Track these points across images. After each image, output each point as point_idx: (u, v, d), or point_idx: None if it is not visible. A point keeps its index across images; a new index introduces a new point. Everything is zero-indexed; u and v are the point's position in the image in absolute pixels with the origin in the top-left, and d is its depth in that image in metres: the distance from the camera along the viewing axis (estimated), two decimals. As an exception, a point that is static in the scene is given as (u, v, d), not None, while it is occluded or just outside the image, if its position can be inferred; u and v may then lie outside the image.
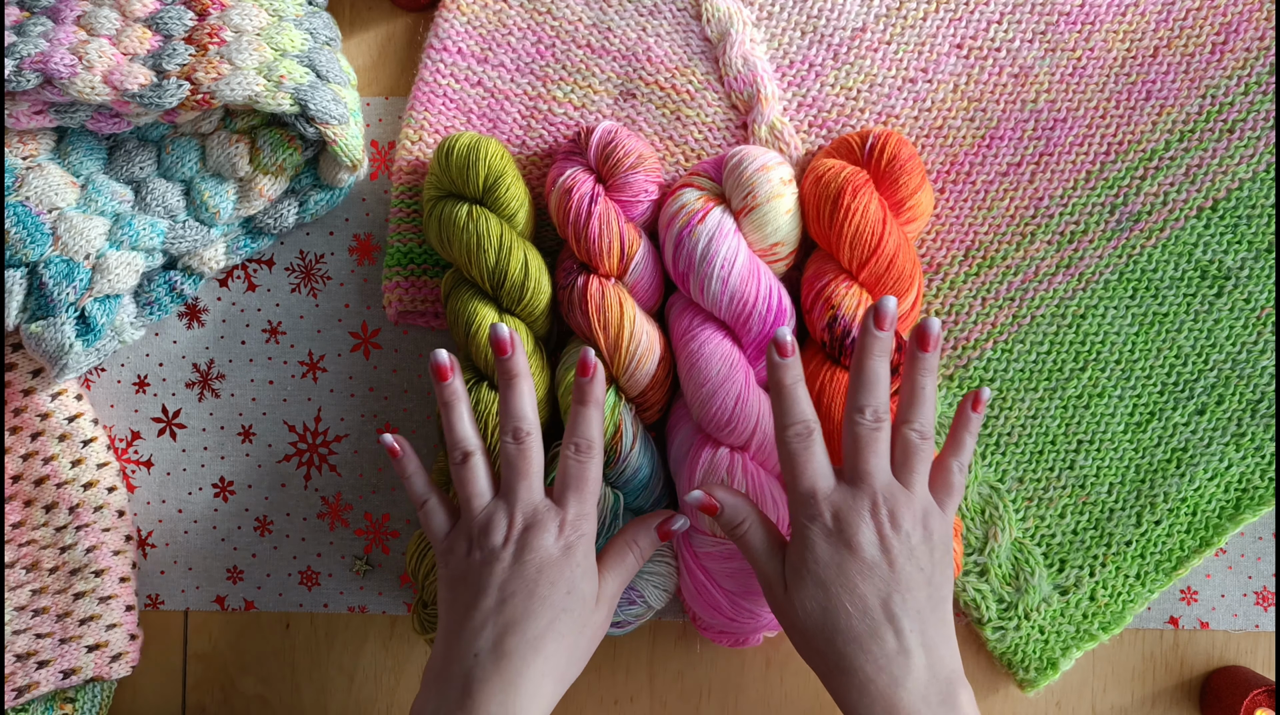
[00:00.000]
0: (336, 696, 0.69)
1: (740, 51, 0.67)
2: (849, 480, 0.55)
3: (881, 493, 0.54)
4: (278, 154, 0.63)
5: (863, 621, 0.52)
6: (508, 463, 0.58)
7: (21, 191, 0.61)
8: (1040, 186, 0.67)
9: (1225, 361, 0.66)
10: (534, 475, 0.58)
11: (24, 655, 0.63)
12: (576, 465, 0.58)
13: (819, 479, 0.55)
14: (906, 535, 0.53)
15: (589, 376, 0.58)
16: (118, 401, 0.69)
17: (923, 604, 0.53)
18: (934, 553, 0.54)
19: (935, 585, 0.54)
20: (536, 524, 0.56)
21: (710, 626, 0.64)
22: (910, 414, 0.56)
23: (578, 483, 0.57)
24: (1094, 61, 0.67)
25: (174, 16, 0.61)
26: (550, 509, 0.57)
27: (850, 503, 0.54)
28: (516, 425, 0.58)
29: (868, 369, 0.55)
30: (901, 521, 0.54)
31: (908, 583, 0.53)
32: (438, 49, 0.68)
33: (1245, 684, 0.64)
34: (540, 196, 0.67)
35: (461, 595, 0.56)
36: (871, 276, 0.61)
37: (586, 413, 0.58)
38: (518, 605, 0.54)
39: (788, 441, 0.55)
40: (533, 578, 0.55)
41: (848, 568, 0.53)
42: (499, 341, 0.58)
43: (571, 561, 0.56)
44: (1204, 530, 0.65)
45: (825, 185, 0.61)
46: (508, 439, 0.58)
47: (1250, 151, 0.66)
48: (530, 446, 0.58)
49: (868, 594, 0.52)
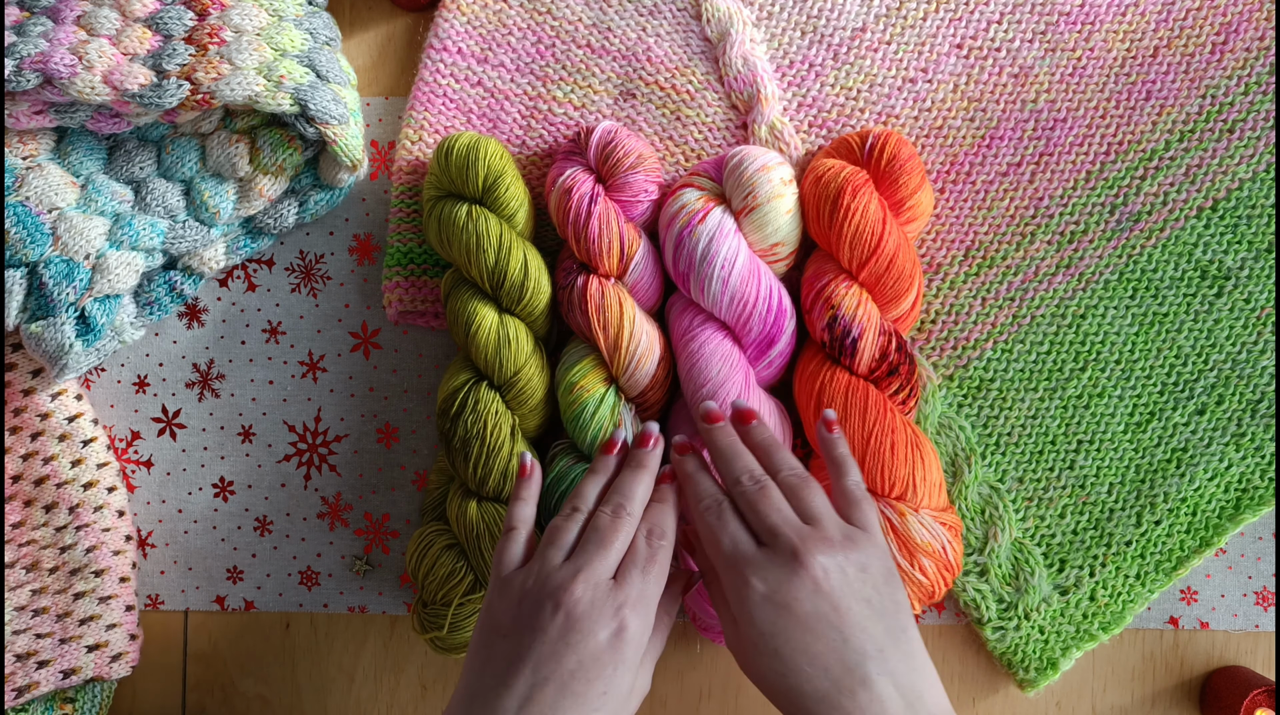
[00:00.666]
0: (336, 696, 0.69)
1: (740, 51, 0.67)
2: (765, 542, 0.53)
3: (797, 541, 0.51)
4: (278, 154, 0.63)
5: (825, 679, 0.49)
6: (597, 530, 0.54)
7: (21, 191, 0.61)
8: (1040, 186, 0.67)
9: (1225, 361, 0.66)
10: (614, 551, 0.54)
11: (24, 655, 0.63)
12: (646, 548, 0.54)
13: (739, 546, 0.53)
14: (840, 573, 0.51)
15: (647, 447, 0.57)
16: (118, 401, 0.69)
17: (882, 642, 0.50)
18: (873, 579, 0.52)
19: (889, 615, 0.51)
20: (595, 601, 0.52)
21: (710, 626, 0.64)
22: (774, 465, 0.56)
23: (646, 565, 0.53)
24: (1094, 61, 0.67)
25: (174, 16, 0.61)
26: (609, 591, 0.52)
27: (774, 562, 0.51)
28: (621, 502, 0.55)
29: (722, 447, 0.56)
30: (828, 564, 0.51)
31: (859, 625, 0.50)
32: (438, 49, 0.68)
33: (1245, 684, 0.64)
34: (540, 196, 0.67)
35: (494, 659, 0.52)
36: (871, 276, 0.61)
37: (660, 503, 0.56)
38: (548, 696, 0.50)
39: (700, 518, 0.55)
40: (571, 669, 0.50)
41: (792, 630, 0.50)
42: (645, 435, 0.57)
43: (617, 656, 0.51)
44: (1204, 530, 0.65)
45: (825, 185, 0.61)
46: (606, 510, 0.55)
47: (1250, 151, 0.66)
48: (624, 526, 0.54)
49: (823, 650, 0.50)
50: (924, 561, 0.59)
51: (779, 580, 0.51)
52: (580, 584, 0.52)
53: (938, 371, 0.66)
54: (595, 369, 0.62)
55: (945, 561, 0.60)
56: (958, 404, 0.66)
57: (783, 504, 0.54)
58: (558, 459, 0.63)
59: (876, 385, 0.61)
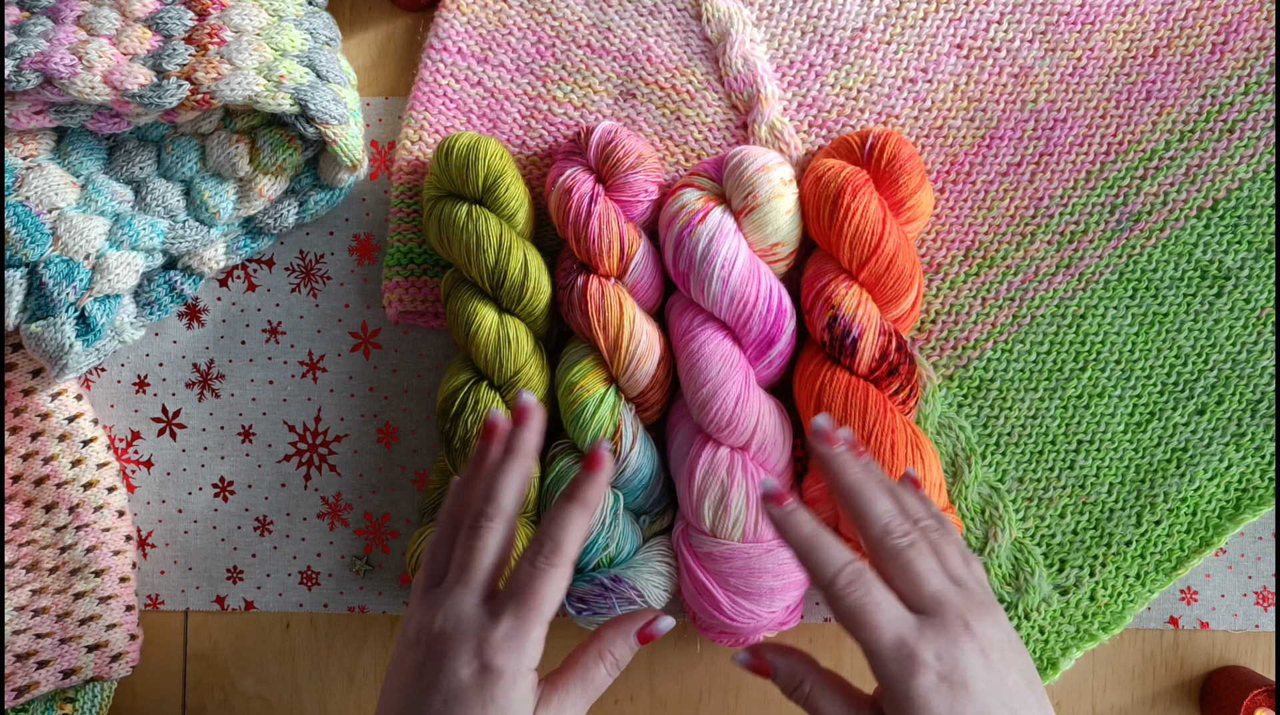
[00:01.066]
0: (336, 696, 0.69)
1: (740, 51, 0.67)
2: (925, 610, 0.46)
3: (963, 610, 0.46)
4: (278, 154, 0.63)
5: None
6: (458, 547, 0.48)
7: (21, 191, 0.61)
8: (1040, 186, 0.67)
9: (1225, 361, 0.66)
10: (477, 572, 0.47)
11: (24, 655, 0.63)
12: (529, 572, 0.47)
13: (900, 624, 0.45)
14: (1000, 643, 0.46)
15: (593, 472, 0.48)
16: (118, 401, 0.69)
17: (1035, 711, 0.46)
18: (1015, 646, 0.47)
19: (1034, 680, 0.47)
20: (453, 635, 0.46)
21: (710, 626, 0.64)
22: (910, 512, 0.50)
23: (523, 594, 0.46)
24: (1094, 61, 0.67)
25: (174, 16, 0.61)
26: (476, 621, 0.46)
27: (946, 638, 0.45)
28: (482, 506, 0.48)
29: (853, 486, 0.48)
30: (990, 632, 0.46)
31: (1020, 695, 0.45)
32: (438, 49, 0.68)
33: (1245, 684, 0.64)
34: (540, 196, 0.67)
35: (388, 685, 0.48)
36: (871, 276, 0.61)
37: (569, 512, 0.48)
38: None
39: (841, 596, 0.46)
40: (436, 710, 0.45)
41: (970, 712, 0.44)
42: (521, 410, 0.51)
43: (485, 694, 0.45)
44: (1204, 530, 0.65)
45: (825, 185, 0.61)
46: (468, 519, 0.48)
47: (1250, 151, 0.66)
48: (484, 537, 0.48)
49: None
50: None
51: (953, 658, 0.45)
52: (439, 616, 0.47)
53: (938, 371, 0.66)
54: (595, 369, 0.62)
55: (945, 561, 0.60)
56: (958, 404, 0.66)
57: (935, 562, 0.48)
58: (558, 459, 0.63)
59: (876, 385, 0.61)
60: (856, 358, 0.61)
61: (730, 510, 0.60)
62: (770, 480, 0.48)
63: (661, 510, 0.65)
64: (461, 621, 0.46)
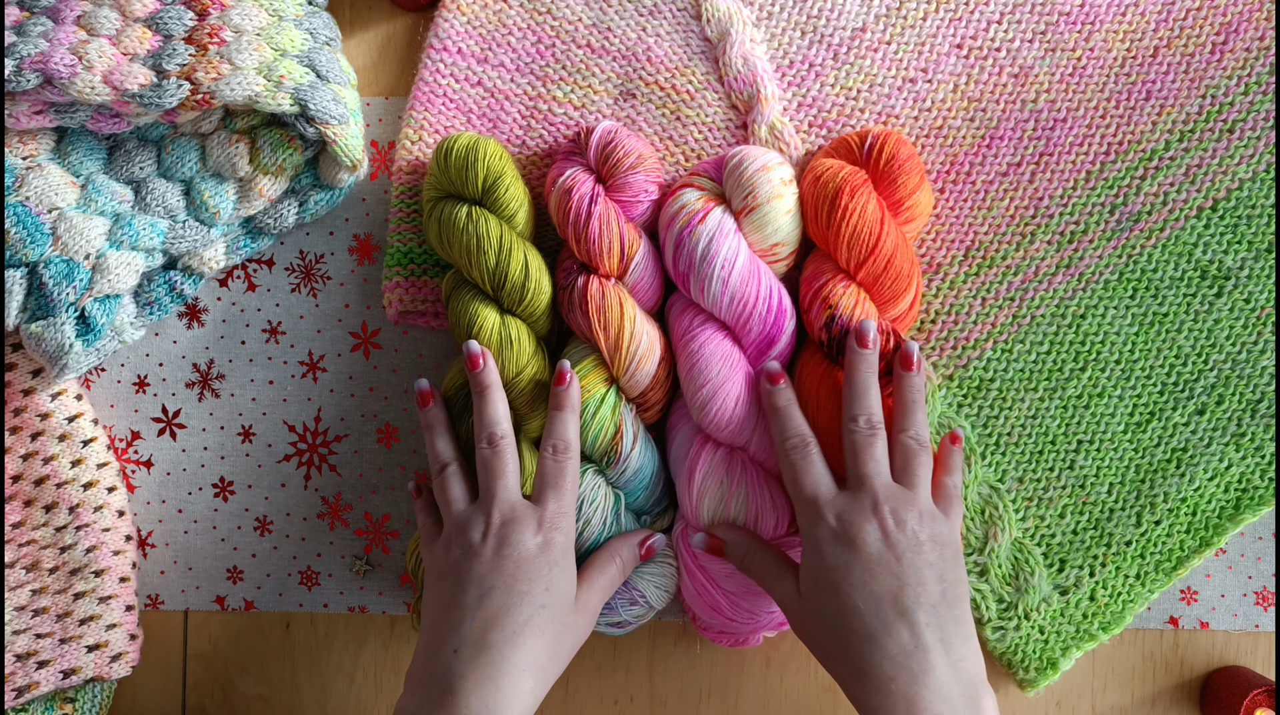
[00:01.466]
0: (336, 696, 0.69)
1: (740, 51, 0.67)
2: (850, 485, 0.56)
3: (882, 492, 0.55)
4: (278, 154, 0.63)
5: (875, 618, 0.52)
6: (484, 466, 0.59)
7: (21, 191, 0.61)
8: (1040, 186, 0.67)
9: (1225, 361, 0.66)
10: (509, 475, 0.59)
11: (24, 655, 0.63)
12: (554, 465, 0.59)
13: (820, 486, 0.56)
14: (913, 531, 0.54)
15: (564, 384, 0.60)
16: (118, 401, 0.69)
17: (936, 599, 0.53)
18: (944, 552, 0.54)
19: (949, 583, 0.54)
20: (515, 520, 0.57)
21: (710, 626, 0.64)
22: (905, 423, 0.58)
23: (555, 481, 0.59)
24: (1094, 61, 0.67)
25: (174, 16, 0.61)
26: (528, 507, 0.58)
27: (852, 504, 0.55)
28: (490, 431, 0.59)
29: (857, 381, 0.58)
30: (906, 519, 0.54)
31: (918, 576, 0.53)
32: (438, 49, 0.68)
33: (1245, 684, 0.64)
34: (540, 196, 0.67)
35: (442, 591, 0.57)
36: (869, 276, 0.61)
37: (563, 416, 0.60)
38: (496, 600, 0.55)
39: (787, 453, 0.58)
40: (511, 572, 0.55)
41: (855, 567, 0.53)
42: (471, 356, 0.60)
43: (549, 558, 0.56)
44: (1204, 530, 0.65)
45: (823, 185, 0.61)
46: (483, 445, 0.59)
47: (1250, 151, 0.66)
48: (504, 449, 0.59)
49: (877, 590, 0.52)
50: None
51: (851, 520, 0.54)
52: (495, 511, 0.57)
53: (938, 371, 0.66)
54: (596, 369, 0.62)
55: (945, 561, 0.60)
56: (958, 404, 0.66)
57: (883, 458, 0.57)
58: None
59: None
60: (856, 358, 0.61)
61: (730, 510, 0.60)
62: (774, 363, 0.60)
63: (661, 510, 0.65)
64: (516, 509, 0.58)
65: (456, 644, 0.54)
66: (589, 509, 0.61)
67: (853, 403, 0.58)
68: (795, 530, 0.62)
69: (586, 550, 0.62)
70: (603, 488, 0.62)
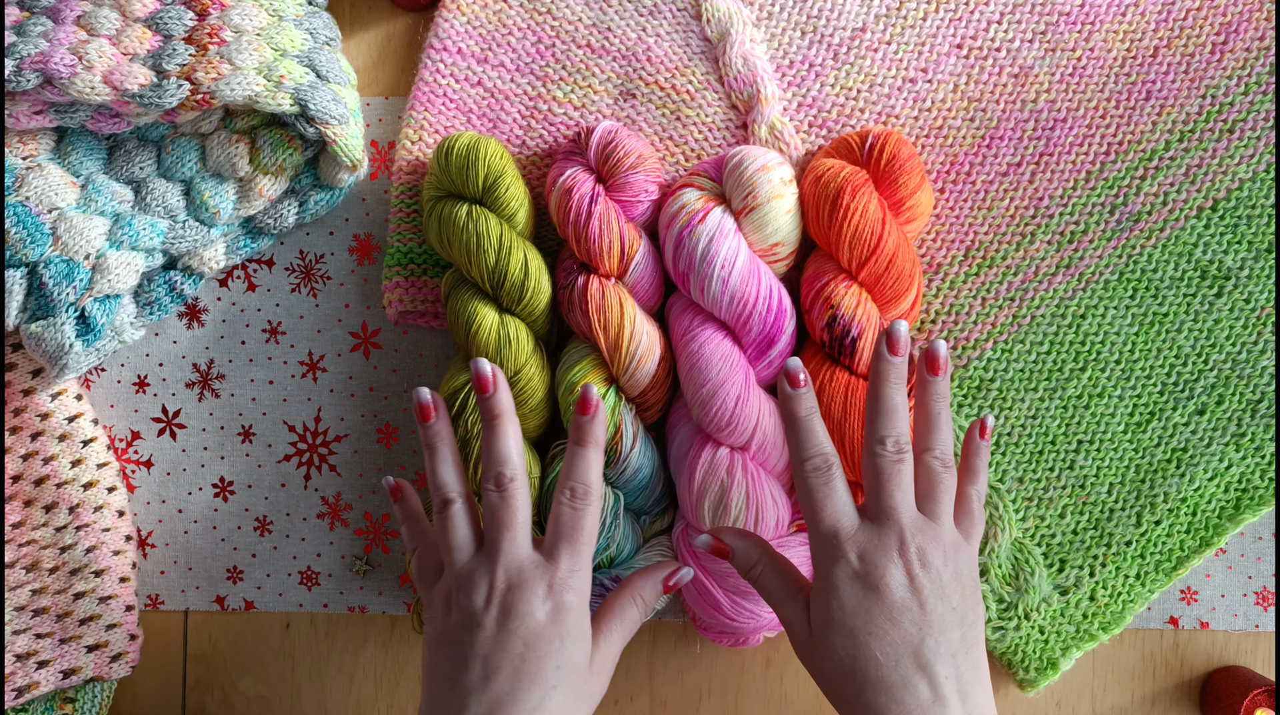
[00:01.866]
0: (336, 696, 0.69)
1: (740, 51, 0.67)
2: (873, 517, 0.52)
3: (909, 529, 0.51)
4: (278, 154, 0.63)
5: (894, 671, 0.48)
6: (490, 513, 0.53)
7: (21, 191, 0.61)
8: (1040, 186, 0.67)
9: (1225, 361, 0.66)
10: (519, 526, 0.53)
11: (24, 655, 0.63)
12: (571, 512, 0.53)
13: (841, 517, 0.51)
14: (937, 573, 0.50)
15: (589, 415, 0.54)
16: (118, 401, 0.69)
17: (956, 647, 0.50)
18: (964, 589, 0.51)
19: (968, 625, 0.51)
20: (522, 584, 0.51)
21: (710, 626, 0.64)
22: (930, 441, 0.54)
23: (571, 532, 0.52)
24: (1094, 61, 0.67)
25: (174, 16, 0.61)
26: (538, 565, 0.52)
27: (876, 542, 0.50)
28: (499, 470, 0.53)
29: (885, 397, 0.53)
30: (931, 559, 0.50)
31: (940, 625, 0.49)
32: (438, 49, 0.68)
33: (1245, 684, 0.64)
34: (540, 196, 0.67)
35: (442, 664, 0.52)
36: (871, 276, 0.61)
37: (585, 455, 0.54)
38: (503, 683, 0.50)
39: (805, 477, 0.52)
40: (519, 652, 0.50)
41: (876, 614, 0.49)
42: (480, 378, 0.54)
43: (561, 630, 0.51)
44: (1204, 530, 0.65)
45: (825, 185, 0.61)
46: (490, 486, 0.53)
47: (1250, 151, 0.66)
48: (514, 494, 0.53)
49: (898, 641, 0.49)
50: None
51: (875, 561, 0.50)
52: (500, 571, 0.51)
53: (938, 371, 0.66)
54: (596, 369, 0.62)
55: (945, 561, 0.60)
56: (958, 404, 0.66)
57: (910, 486, 0.52)
58: (558, 460, 0.63)
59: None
60: (856, 357, 0.61)
61: (730, 510, 0.60)
62: (795, 360, 0.54)
63: (661, 510, 0.65)
64: (524, 570, 0.51)
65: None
66: (589, 509, 0.61)
67: (879, 422, 0.52)
68: (796, 529, 0.62)
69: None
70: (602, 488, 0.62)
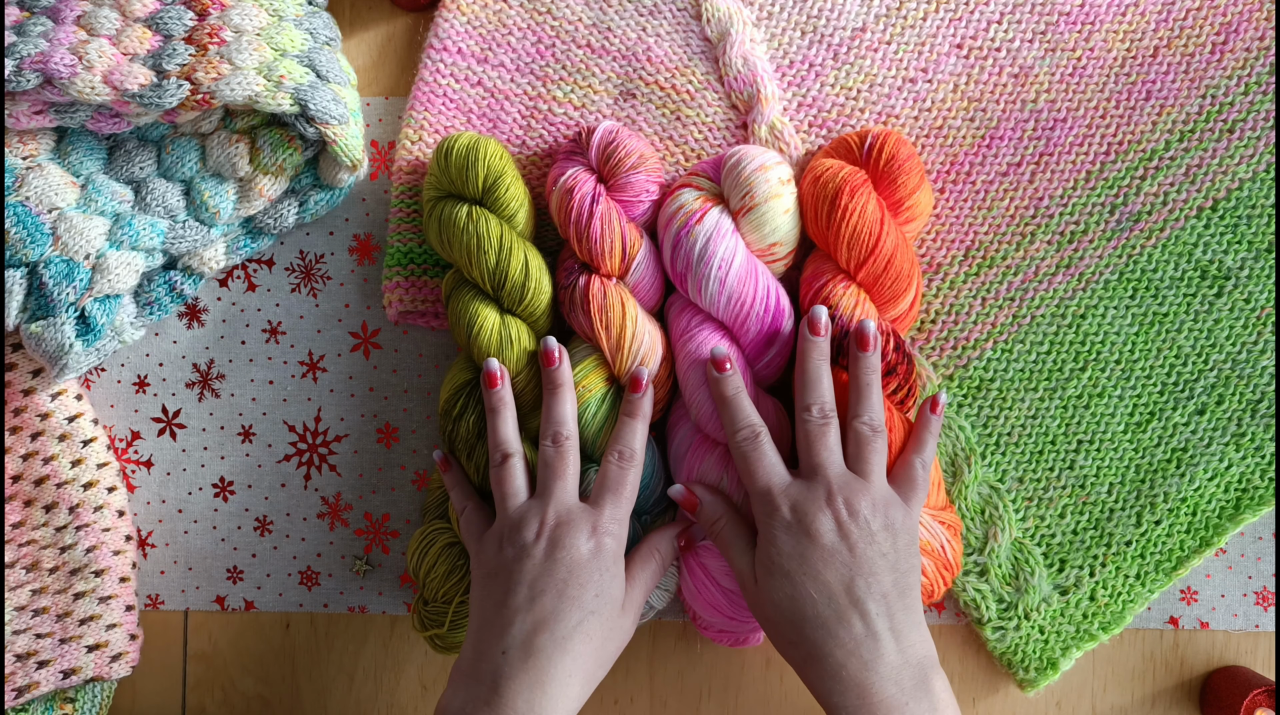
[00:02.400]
0: (336, 696, 0.69)
1: (740, 51, 0.67)
2: (804, 475, 0.57)
3: (835, 482, 0.56)
4: (278, 154, 0.63)
5: (828, 607, 0.53)
6: (545, 464, 0.59)
7: (21, 191, 0.61)
8: (1040, 186, 0.67)
9: (1225, 361, 0.66)
10: (569, 477, 0.59)
11: (24, 655, 0.63)
12: (618, 471, 0.59)
13: (772, 476, 0.57)
14: (866, 521, 0.55)
15: (640, 392, 0.60)
16: (118, 401, 0.69)
17: (888, 589, 0.54)
18: (897, 540, 0.55)
19: (901, 572, 0.55)
20: (570, 522, 0.57)
21: (710, 626, 0.64)
22: (859, 409, 0.58)
23: (616, 487, 0.59)
24: (1094, 61, 0.67)
25: (174, 16, 0.61)
26: (584, 510, 0.58)
27: (806, 494, 0.56)
28: (557, 430, 0.59)
29: (809, 370, 0.58)
30: (859, 508, 0.55)
31: (870, 567, 0.54)
32: (438, 49, 0.68)
33: (1245, 684, 0.64)
34: (540, 196, 0.67)
35: (493, 591, 0.57)
36: (869, 276, 0.61)
37: (633, 425, 0.60)
38: (547, 603, 0.55)
39: (739, 446, 0.58)
40: (563, 577, 0.55)
41: (809, 556, 0.54)
42: (548, 352, 0.60)
43: (601, 564, 0.56)
44: (1204, 530, 0.65)
45: (823, 185, 0.61)
46: (547, 442, 0.59)
47: (1250, 151, 0.66)
48: (568, 450, 0.59)
49: (831, 580, 0.53)
50: (923, 561, 0.59)
51: (806, 510, 0.55)
52: (551, 511, 0.57)
53: (938, 371, 0.66)
54: (597, 369, 0.62)
55: (944, 561, 0.60)
56: (958, 404, 0.66)
57: (837, 446, 0.57)
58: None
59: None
60: (856, 358, 0.61)
61: (730, 510, 0.60)
62: (720, 347, 0.59)
63: (661, 510, 0.65)
64: (573, 511, 0.58)
65: (506, 645, 0.54)
66: (589, 509, 0.61)
67: (805, 391, 0.58)
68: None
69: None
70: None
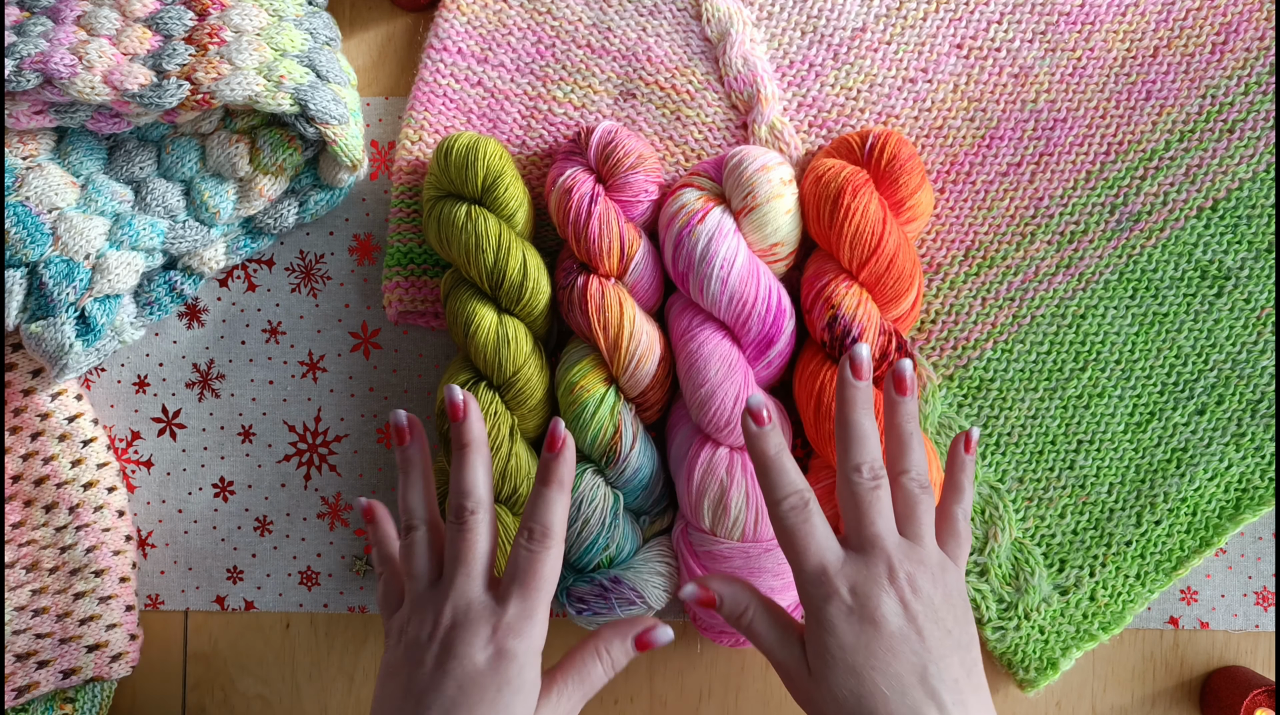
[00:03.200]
0: (336, 696, 0.69)
1: (740, 51, 0.67)
2: (857, 547, 0.50)
3: (895, 556, 0.50)
4: (278, 154, 0.63)
5: (902, 703, 0.47)
6: (449, 546, 0.52)
7: (21, 191, 0.61)
8: (1040, 186, 0.67)
9: (1225, 361, 0.66)
10: (475, 562, 0.51)
11: (24, 655, 0.63)
12: (527, 555, 0.50)
13: (825, 553, 0.50)
14: (929, 597, 0.49)
15: (555, 452, 0.52)
16: (118, 401, 0.69)
17: (958, 671, 0.49)
18: (956, 611, 0.50)
19: (964, 647, 0.50)
20: (465, 624, 0.49)
21: (710, 626, 0.64)
22: (905, 462, 0.53)
23: (525, 576, 0.50)
24: (1094, 61, 0.67)
25: (174, 16, 0.61)
26: (486, 607, 0.50)
27: (865, 573, 0.49)
28: (461, 502, 0.51)
29: (854, 423, 0.52)
30: (921, 584, 0.49)
31: (939, 651, 0.48)
32: (438, 49, 0.68)
33: (1245, 684, 0.64)
34: (540, 196, 0.67)
35: (385, 696, 0.50)
36: (871, 276, 0.61)
37: (547, 495, 0.51)
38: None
39: (783, 517, 0.50)
40: (451, 695, 0.48)
41: (876, 647, 0.48)
42: (452, 405, 0.53)
43: (500, 678, 0.48)
44: (1204, 530, 0.65)
45: (825, 185, 0.61)
46: (451, 518, 0.52)
47: (1250, 151, 0.66)
48: (473, 527, 0.51)
49: (902, 672, 0.48)
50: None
51: (869, 593, 0.49)
52: (448, 608, 0.50)
53: (938, 371, 0.66)
54: (595, 369, 0.62)
55: (945, 561, 0.60)
56: (958, 404, 0.66)
57: (889, 510, 0.51)
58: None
59: (876, 385, 0.61)
60: (856, 358, 0.61)
61: (730, 510, 0.60)
62: (757, 397, 0.52)
63: (661, 510, 0.65)
64: (471, 609, 0.49)
65: None
66: (588, 509, 0.61)
67: (852, 449, 0.51)
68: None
69: (584, 550, 0.62)
70: (602, 488, 0.62)
